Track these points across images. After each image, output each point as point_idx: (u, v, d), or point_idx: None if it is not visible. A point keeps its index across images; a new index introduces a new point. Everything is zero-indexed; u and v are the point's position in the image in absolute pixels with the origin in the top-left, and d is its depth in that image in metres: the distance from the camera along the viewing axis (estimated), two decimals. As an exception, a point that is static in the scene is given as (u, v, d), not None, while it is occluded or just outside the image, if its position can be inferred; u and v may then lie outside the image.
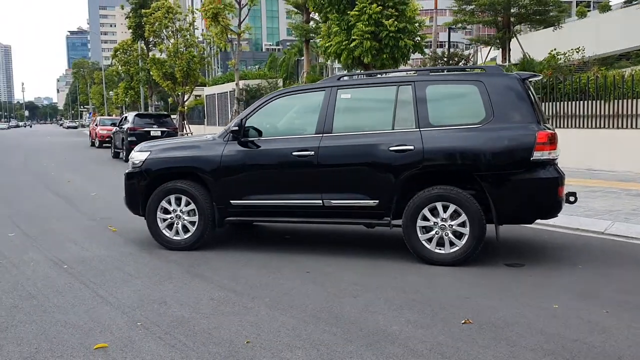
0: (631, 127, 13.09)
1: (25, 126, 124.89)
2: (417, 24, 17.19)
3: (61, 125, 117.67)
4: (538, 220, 8.20)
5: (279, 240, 7.41)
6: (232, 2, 22.00)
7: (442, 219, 5.95)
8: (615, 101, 13.29)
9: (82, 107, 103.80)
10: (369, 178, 6.15)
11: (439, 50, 21.34)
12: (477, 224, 5.84)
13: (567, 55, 17.92)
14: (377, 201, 6.14)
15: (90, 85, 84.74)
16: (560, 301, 4.83)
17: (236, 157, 6.54)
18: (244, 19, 21.73)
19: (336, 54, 17.55)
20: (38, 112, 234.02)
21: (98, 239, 7.44)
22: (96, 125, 33.64)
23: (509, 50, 25.29)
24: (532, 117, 5.87)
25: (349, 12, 16.94)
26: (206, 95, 38.95)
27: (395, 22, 16.35)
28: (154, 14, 29.32)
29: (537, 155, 5.74)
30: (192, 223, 6.71)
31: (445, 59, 18.82)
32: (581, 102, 13.90)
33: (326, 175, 6.29)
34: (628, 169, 13.07)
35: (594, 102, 13.68)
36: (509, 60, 23.77)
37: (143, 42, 37.28)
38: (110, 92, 58.84)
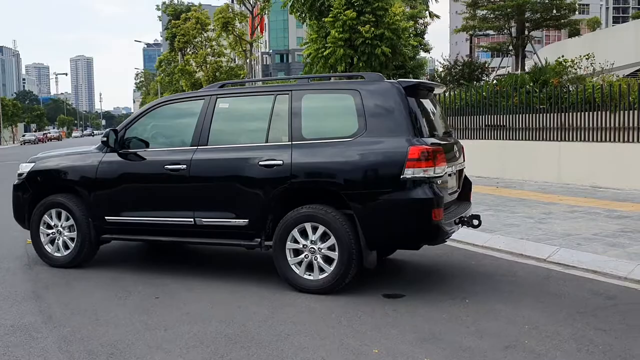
0: (638, 140, 11.83)
1: (93, 135, 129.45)
2: (397, 30, 16.28)
3: None
4: (479, 243, 7.51)
5: (175, 261, 7.00)
6: (245, 12, 21.85)
7: (312, 242, 5.35)
8: (622, 112, 12.07)
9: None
10: (239, 195, 5.63)
11: (452, 59, 20.39)
12: (345, 247, 5.20)
13: (575, 62, 16.59)
14: (247, 220, 5.60)
15: (146, 95, 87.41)
16: (390, 344, 4.15)
17: (110, 169, 6.16)
18: (255, 28, 21.59)
19: (314, 61, 16.98)
20: (114, 122, 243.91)
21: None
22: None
23: (523, 57, 23.88)
24: (407, 130, 5.17)
25: (324, 19, 16.34)
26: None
27: (372, 28, 15.58)
28: (183, 24, 29.63)
29: (408, 172, 5.04)
30: (72, 239, 6.37)
31: (459, 67, 17.95)
32: (586, 113, 12.73)
33: (198, 191, 5.82)
34: (635, 187, 11.79)
35: (599, 113, 12.48)
36: (523, 68, 22.46)
37: (180, 53, 37.94)
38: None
